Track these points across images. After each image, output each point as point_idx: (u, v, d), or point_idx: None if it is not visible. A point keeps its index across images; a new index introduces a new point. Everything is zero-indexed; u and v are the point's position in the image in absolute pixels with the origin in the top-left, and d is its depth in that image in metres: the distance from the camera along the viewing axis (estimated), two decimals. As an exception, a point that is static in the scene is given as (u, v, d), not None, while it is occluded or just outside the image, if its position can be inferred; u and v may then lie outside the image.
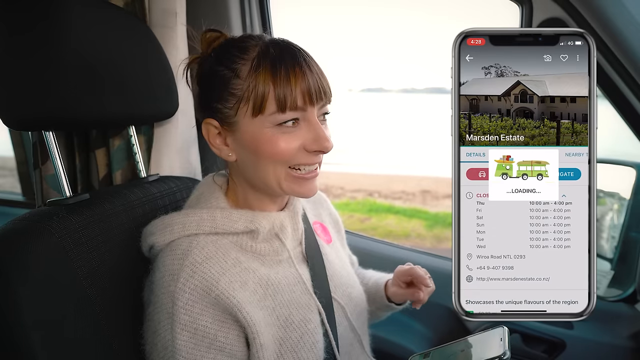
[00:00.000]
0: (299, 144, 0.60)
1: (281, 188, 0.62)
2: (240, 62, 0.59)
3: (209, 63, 0.63)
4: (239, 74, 0.59)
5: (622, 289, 1.06)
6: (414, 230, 4.80)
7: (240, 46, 0.60)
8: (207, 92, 0.63)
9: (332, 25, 40.72)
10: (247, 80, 0.59)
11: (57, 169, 0.66)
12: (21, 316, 0.52)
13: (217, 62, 0.62)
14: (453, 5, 39.67)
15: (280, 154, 0.59)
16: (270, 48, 0.59)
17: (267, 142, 0.59)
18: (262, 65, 0.58)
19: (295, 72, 0.58)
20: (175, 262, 0.58)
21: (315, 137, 0.60)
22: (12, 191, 2.18)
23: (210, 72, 0.62)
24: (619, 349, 1.00)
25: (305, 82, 0.58)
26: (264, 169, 0.61)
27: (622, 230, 1.09)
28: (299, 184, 0.62)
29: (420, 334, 1.13)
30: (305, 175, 0.62)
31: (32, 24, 0.60)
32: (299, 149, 0.60)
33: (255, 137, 0.60)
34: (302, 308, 0.64)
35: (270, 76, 0.58)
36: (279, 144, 0.59)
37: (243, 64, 0.59)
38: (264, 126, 0.59)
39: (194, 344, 0.56)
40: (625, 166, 1.09)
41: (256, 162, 0.61)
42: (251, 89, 0.58)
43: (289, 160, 0.60)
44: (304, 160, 0.61)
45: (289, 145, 0.59)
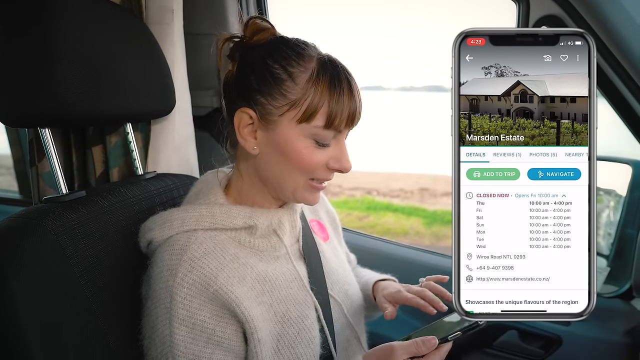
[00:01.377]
0: (325, 159, 0.62)
1: (294, 195, 0.64)
2: (298, 68, 0.60)
3: (260, 54, 0.62)
4: (295, 79, 0.60)
5: (618, 285, 1.07)
6: (412, 228, 4.81)
7: (298, 51, 0.61)
8: (251, 82, 0.62)
9: (329, 24, 40.70)
10: (304, 88, 0.59)
11: (54, 166, 0.66)
12: (17, 313, 0.52)
13: (270, 56, 0.61)
14: (452, 4, 39.63)
15: (309, 165, 0.61)
16: (327, 63, 0.61)
17: (301, 151, 0.60)
18: (322, 79, 0.59)
19: (348, 93, 0.60)
20: (174, 257, 0.58)
21: (340, 157, 0.63)
22: (9, 189, 2.17)
23: (261, 64, 0.61)
24: (615, 344, 1.01)
25: (354, 105, 0.61)
26: (286, 173, 0.62)
27: (618, 227, 1.09)
28: (310, 193, 0.64)
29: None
30: (319, 186, 0.64)
31: (28, 21, 0.59)
32: (322, 164, 0.62)
33: (291, 142, 0.60)
34: (299, 304, 0.64)
35: (328, 91, 0.59)
36: (311, 156, 0.61)
37: (301, 71, 0.60)
38: (302, 135, 0.60)
39: (192, 339, 0.56)
40: (621, 163, 1.10)
41: (280, 164, 0.62)
42: (306, 97, 0.59)
43: (311, 173, 0.62)
44: (323, 175, 0.63)
45: (318, 160, 0.61)
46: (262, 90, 0.61)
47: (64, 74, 0.60)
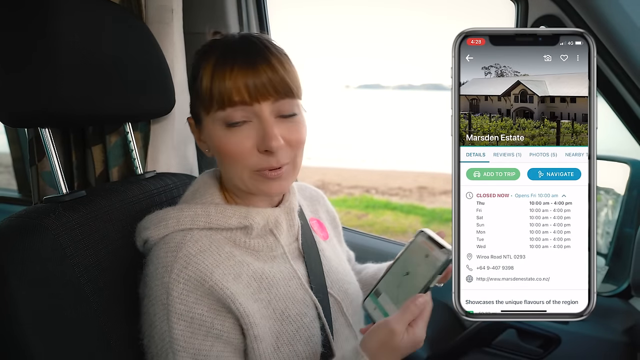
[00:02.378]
0: (250, 144, 0.59)
1: (246, 187, 0.62)
2: (202, 64, 0.61)
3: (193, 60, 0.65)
4: (199, 73, 0.60)
5: (616, 284, 1.07)
6: (411, 227, 4.81)
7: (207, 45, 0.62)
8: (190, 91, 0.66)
9: (329, 24, 40.68)
10: (200, 77, 0.60)
11: (54, 166, 0.66)
12: (18, 312, 0.52)
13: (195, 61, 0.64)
14: (451, 4, 39.58)
15: (232, 155, 0.59)
16: (222, 44, 0.60)
17: (219, 142, 0.60)
18: (207, 62, 0.59)
19: (232, 68, 0.57)
20: (169, 254, 0.58)
21: (263, 135, 0.58)
22: (7, 188, 2.16)
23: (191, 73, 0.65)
24: (613, 343, 1.01)
25: (244, 78, 0.57)
26: (227, 168, 0.63)
27: (617, 226, 1.09)
28: (262, 183, 0.61)
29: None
30: (267, 175, 0.60)
31: (28, 21, 0.59)
32: (251, 149, 0.59)
33: (211, 136, 0.61)
34: (297, 302, 0.64)
35: (211, 72, 0.58)
36: (228, 143, 0.59)
37: (203, 64, 0.60)
38: (215, 125, 0.60)
39: (191, 333, 0.56)
40: (619, 162, 1.10)
41: (220, 161, 0.63)
42: (203, 88, 0.59)
43: (248, 162, 0.59)
44: (259, 163, 0.59)
45: (238, 146, 0.59)
46: (191, 94, 0.65)
47: (64, 73, 0.60)
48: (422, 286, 0.54)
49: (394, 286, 0.57)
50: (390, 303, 0.56)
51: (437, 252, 0.54)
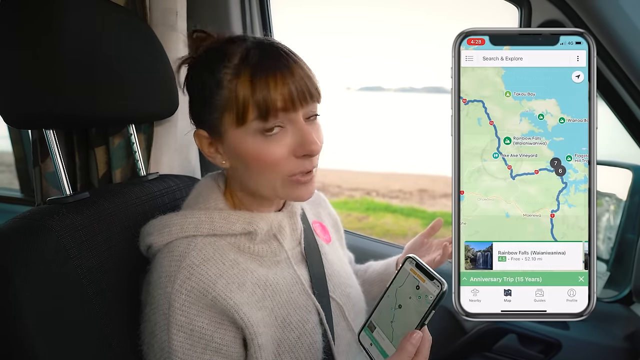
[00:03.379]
0: (286, 150, 0.58)
1: (276, 194, 0.61)
2: (223, 71, 0.57)
3: (196, 70, 0.61)
4: (222, 84, 0.57)
5: (617, 290, 1.07)
6: (411, 229, 4.80)
7: (224, 52, 0.58)
8: (195, 101, 0.62)
9: (331, 25, 40.72)
10: (229, 89, 0.57)
11: (57, 167, 0.66)
12: (21, 313, 0.52)
13: (203, 68, 0.60)
14: (452, 5, 39.71)
15: (269, 164, 0.58)
16: (251, 52, 0.57)
17: (254, 153, 0.58)
18: (242, 72, 0.56)
19: (275, 76, 0.56)
20: (173, 263, 0.58)
21: (302, 141, 0.58)
22: (9, 187, 2.17)
23: (198, 80, 0.60)
24: (615, 349, 1.01)
25: (287, 85, 0.56)
26: (257, 177, 0.60)
27: (618, 232, 1.09)
28: (294, 188, 0.60)
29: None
30: (300, 179, 0.60)
31: (33, 22, 0.60)
32: (288, 155, 0.58)
33: (242, 147, 0.58)
34: (300, 309, 0.64)
35: (249, 83, 0.56)
36: (265, 154, 0.57)
37: (226, 73, 0.57)
38: (248, 135, 0.58)
39: (190, 345, 0.56)
40: (622, 168, 1.10)
41: (248, 171, 0.60)
42: (232, 98, 0.57)
43: (283, 169, 0.59)
44: (296, 168, 0.59)
45: (276, 154, 0.57)
46: (203, 107, 0.60)
47: (69, 75, 0.61)
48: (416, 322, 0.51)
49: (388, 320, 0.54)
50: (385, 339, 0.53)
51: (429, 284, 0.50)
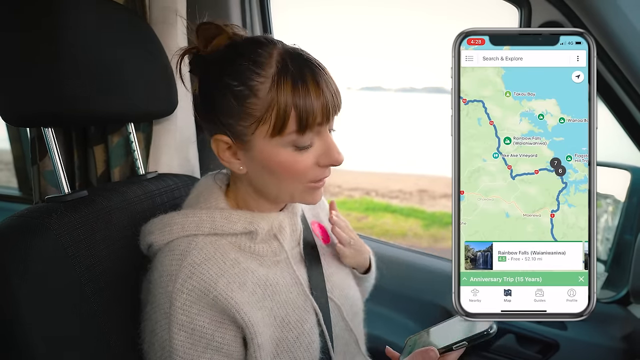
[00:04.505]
0: (313, 160, 0.60)
1: (292, 199, 0.63)
2: (257, 80, 0.55)
3: (216, 71, 0.58)
4: (257, 93, 0.55)
5: (615, 291, 1.07)
6: (410, 230, 4.80)
7: (255, 59, 0.56)
8: (214, 105, 0.59)
9: (331, 25, 40.75)
10: (267, 99, 0.55)
11: (56, 166, 0.66)
12: (19, 311, 0.52)
13: (227, 72, 0.57)
14: (452, 5, 39.72)
15: (297, 173, 0.59)
16: (288, 63, 0.56)
17: (284, 163, 0.58)
18: (283, 83, 0.55)
19: (315, 89, 0.55)
20: (174, 262, 0.58)
21: (328, 151, 0.59)
22: (7, 185, 2.17)
23: (219, 83, 0.58)
24: (612, 350, 1.01)
25: (324, 98, 0.56)
26: (279, 184, 0.61)
27: (617, 233, 1.09)
28: (310, 194, 0.63)
29: (414, 332, 1.14)
30: (317, 185, 0.62)
31: (32, 20, 0.60)
32: (313, 165, 0.60)
33: (272, 157, 0.58)
34: (298, 309, 0.64)
35: (292, 95, 0.55)
36: (296, 164, 0.58)
37: (261, 82, 0.55)
38: (281, 146, 0.58)
39: (191, 344, 0.56)
40: (620, 169, 1.10)
41: (270, 178, 0.61)
42: (272, 109, 0.55)
43: (304, 178, 0.60)
44: (318, 175, 0.61)
45: (305, 165, 0.59)
46: (227, 113, 0.58)
47: (67, 73, 0.60)
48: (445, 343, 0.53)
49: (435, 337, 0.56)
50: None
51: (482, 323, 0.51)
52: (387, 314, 1.01)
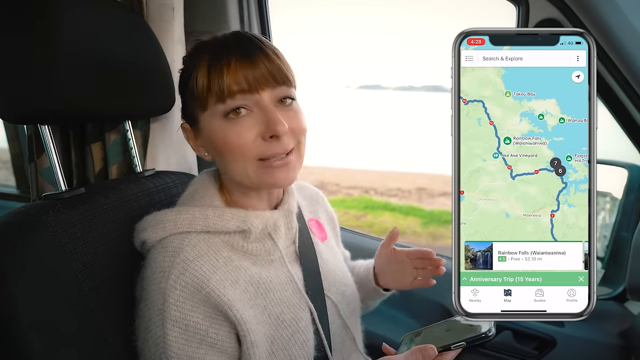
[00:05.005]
0: (253, 133, 0.59)
1: (251, 181, 0.61)
2: (195, 62, 0.61)
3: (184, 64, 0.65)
4: (192, 75, 0.61)
5: (612, 288, 1.08)
6: (409, 228, 4.82)
7: (200, 48, 0.62)
8: (181, 95, 0.66)
9: (330, 24, 40.76)
10: (197, 77, 0.60)
11: (53, 163, 0.66)
12: (16, 309, 0.52)
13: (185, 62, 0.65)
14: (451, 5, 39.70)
15: (236, 147, 0.59)
16: (214, 44, 0.61)
17: (220, 136, 0.60)
18: (201, 62, 0.60)
19: (229, 60, 0.58)
20: (167, 259, 0.58)
21: (267, 121, 0.58)
22: (5, 184, 2.16)
23: (183, 74, 0.65)
24: (609, 346, 1.02)
25: (243, 71, 0.58)
26: (231, 164, 0.61)
27: (614, 230, 1.10)
28: (268, 174, 0.60)
29: (413, 329, 1.14)
30: (273, 164, 0.60)
31: (29, 17, 0.59)
32: (255, 138, 0.59)
33: (211, 133, 0.61)
34: (293, 307, 0.64)
35: (206, 68, 0.59)
36: (230, 135, 0.59)
37: (196, 62, 0.61)
38: (214, 120, 0.60)
39: (185, 340, 0.56)
40: (617, 167, 1.11)
41: (223, 159, 0.62)
42: (198, 85, 0.60)
43: (252, 153, 0.59)
44: (266, 151, 0.59)
45: (241, 137, 0.58)
46: (184, 100, 0.65)
47: (64, 70, 0.60)
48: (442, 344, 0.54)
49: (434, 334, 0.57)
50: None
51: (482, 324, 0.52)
52: (385, 311, 1.01)
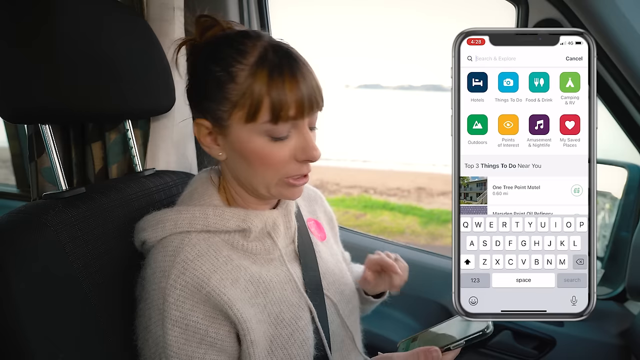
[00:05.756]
0: (289, 153, 0.59)
1: (269, 192, 0.62)
2: (237, 66, 0.57)
3: (203, 57, 0.60)
4: (236, 79, 0.57)
5: (612, 288, 1.08)
6: (408, 227, 4.82)
7: (238, 48, 0.58)
8: (199, 89, 0.62)
9: (329, 23, 40.64)
10: (243, 85, 0.57)
11: (53, 162, 0.66)
12: (17, 309, 0.52)
13: (212, 59, 0.59)
14: (451, 5, 39.68)
15: (271, 164, 0.59)
16: (269, 53, 0.57)
17: (258, 151, 0.59)
18: (259, 72, 0.57)
19: (291, 81, 0.56)
20: (167, 258, 0.58)
21: (305, 146, 0.59)
22: (5, 183, 2.16)
23: (204, 69, 0.60)
24: (608, 346, 1.02)
25: (300, 92, 0.57)
26: (254, 174, 0.61)
27: (613, 230, 1.10)
28: (287, 190, 0.62)
29: (413, 329, 1.15)
30: (295, 182, 0.61)
31: (29, 16, 0.59)
32: (289, 159, 0.60)
33: (246, 144, 0.59)
34: (292, 306, 0.64)
35: (266, 84, 0.56)
36: (271, 154, 0.58)
37: (241, 69, 0.57)
38: (255, 134, 0.58)
39: (185, 339, 0.56)
40: (617, 166, 1.11)
41: (246, 167, 0.61)
42: (247, 95, 0.57)
43: (282, 171, 0.60)
44: (294, 171, 0.61)
45: (279, 156, 0.59)
46: (209, 97, 0.59)
47: (65, 70, 0.60)
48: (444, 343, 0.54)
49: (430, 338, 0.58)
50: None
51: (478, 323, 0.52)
52: (384, 310, 1.01)
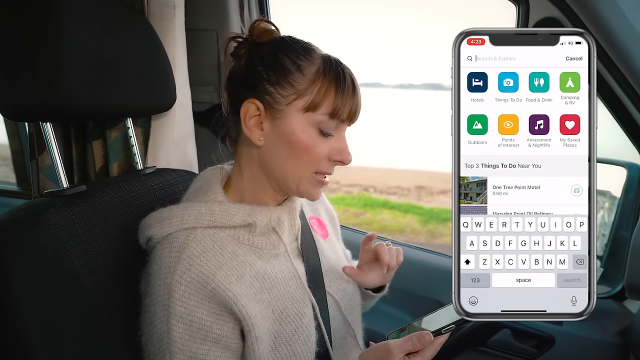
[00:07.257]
0: (327, 151, 0.64)
1: (298, 188, 0.64)
2: (305, 61, 0.62)
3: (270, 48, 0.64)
4: (303, 71, 0.62)
5: (611, 286, 1.08)
6: (408, 226, 4.82)
7: (306, 47, 0.65)
8: (260, 72, 0.64)
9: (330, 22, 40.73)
10: (311, 79, 0.62)
11: (54, 160, 0.66)
12: (17, 305, 0.52)
13: (280, 50, 0.64)
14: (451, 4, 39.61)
15: (312, 156, 0.63)
16: (333, 62, 0.64)
17: (306, 141, 0.62)
18: (328, 73, 0.62)
19: (352, 89, 0.63)
20: (173, 254, 0.58)
21: (342, 149, 0.65)
22: (6, 181, 2.16)
23: (271, 56, 0.63)
24: (607, 344, 1.02)
25: (355, 101, 0.64)
26: (292, 164, 0.63)
27: (612, 229, 1.10)
28: (314, 186, 0.65)
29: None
30: (322, 181, 0.65)
31: (31, 15, 0.59)
32: (325, 156, 0.64)
33: (296, 132, 0.62)
34: (296, 302, 0.64)
35: (334, 84, 0.62)
36: (315, 146, 0.62)
37: (308, 64, 0.62)
38: (308, 124, 0.62)
39: (190, 336, 0.56)
40: (616, 165, 1.11)
41: (286, 155, 0.63)
42: (313, 88, 0.62)
43: (316, 165, 0.63)
44: (326, 168, 0.65)
45: (321, 150, 0.63)
46: (270, 80, 0.62)
47: (66, 68, 0.60)
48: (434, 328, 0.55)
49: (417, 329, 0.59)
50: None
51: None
52: (385, 309, 1.02)
